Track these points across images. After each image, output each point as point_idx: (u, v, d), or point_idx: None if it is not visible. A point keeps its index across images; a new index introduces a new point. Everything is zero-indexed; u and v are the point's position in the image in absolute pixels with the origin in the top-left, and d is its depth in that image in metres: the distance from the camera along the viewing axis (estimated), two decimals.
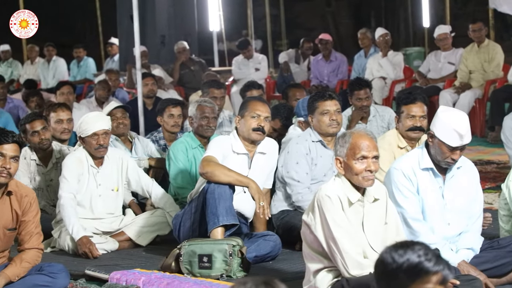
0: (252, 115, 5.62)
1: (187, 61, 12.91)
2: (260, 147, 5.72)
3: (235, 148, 5.65)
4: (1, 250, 4.89)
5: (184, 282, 4.78)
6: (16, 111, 11.32)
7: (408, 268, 2.54)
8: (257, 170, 5.69)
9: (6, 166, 4.70)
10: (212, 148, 5.57)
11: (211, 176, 5.35)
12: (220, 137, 5.86)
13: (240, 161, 5.65)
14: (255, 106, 5.66)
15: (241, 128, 5.66)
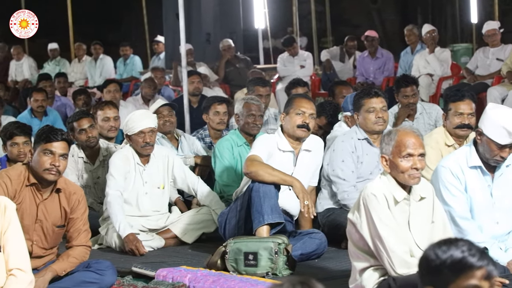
0: (297, 112, 5.60)
1: (232, 59, 12.93)
2: (305, 144, 5.70)
3: (281, 146, 5.64)
4: (50, 247, 4.95)
5: (229, 280, 4.79)
6: (64, 109, 11.47)
7: (451, 264, 2.52)
8: (302, 167, 5.67)
9: (55, 163, 4.76)
10: (257, 147, 5.56)
11: (255, 176, 5.35)
12: (265, 136, 5.85)
13: (285, 158, 5.64)
14: (299, 103, 5.65)
15: (286, 125, 5.65)
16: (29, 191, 4.85)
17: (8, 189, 4.78)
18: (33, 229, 4.84)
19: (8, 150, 6.30)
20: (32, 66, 16.37)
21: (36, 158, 4.81)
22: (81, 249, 4.90)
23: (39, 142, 4.83)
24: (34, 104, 9.99)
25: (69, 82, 14.08)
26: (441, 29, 18.15)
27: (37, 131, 4.97)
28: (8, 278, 4.17)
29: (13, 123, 6.70)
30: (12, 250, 4.20)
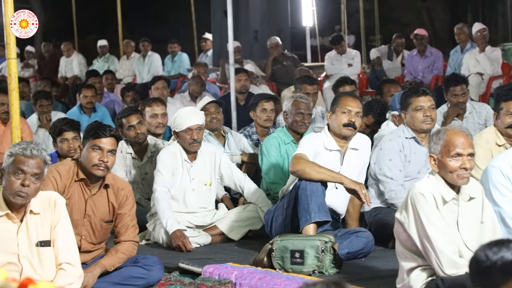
0: (343, 111, 5.58)
1: (279, 57, 12.92)
2: (352, 143, 5.67)
3: (327, 145, 5.62)
4: (98, 241, 5.00)
5: (276, 278, 4.79)
6: (112, 106, 11.57)
7: (502, 265, 2.49)
8: (349, 166, 5.65)
9: (104, 159, 4.80)
10: (303, 145, 5.55)
11: (302, 174, 5.34)
12: (312, 135, 5.83)
13: (332, 157, 5.62)
14: (346, 102, 5.62)
15: (332, 124, 5.63)
16: (78, 186, 4.91)
17: (58, 184, 4.84)
18: (82, 224, 4.90)
19: (58, 146, 6.37)
20: (82, 63, 16.55)
21: (85, 154, 4.87)
22: (129, 244, 4.95)
23: (88, 138, 4.89)
24: (83, 100, 10.09)
25: (117, 79, 14.19)
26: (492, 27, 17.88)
27: (86, 127, 5.02)
28: (58, 272, 4.23)
29: (61, 119, 6.78)
30: (62, 245, 4.25)
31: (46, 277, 4.13)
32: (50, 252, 4.23)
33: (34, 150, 4.12)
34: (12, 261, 4.16)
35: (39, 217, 4.24)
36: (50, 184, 4.77)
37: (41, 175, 4.16)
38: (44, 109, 9.47)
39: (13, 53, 5.11)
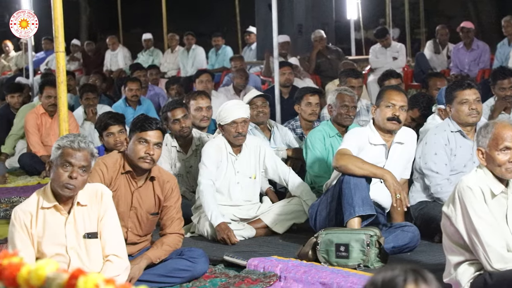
0: (387, 105, 5.54)
1: (323, 50, 12.87)
2: (398, 136, 5.63)
3: (372, 140, 5.58)
4: (144, 234, 5.04)
5: (321, 271, 4.78)
6: (157, 99, 11.64)
7: None
8: (394, 160, 5.61)
9: (150, 152, 4.84)
10: (347, 140, 5.52)
11: (345, 170, 5.31)
12: (357, 129, 5.80)
13: (377, 152, 5.59)
14: (390, 95, 5.58)
15: (377, 118, 5.60)
16: (124, 178, 4.95)
17: (105, 176, 4.88)
18: (128, 216, 4.94)
19: (104, 140, 6.43)
20: (127, 56, 16.68)
21: (131, 147, 4.90)
22: (175, 236, 4.97)
23: (134, 130, 4.92)
24: (129, 94, 10.17)
25: (161, 72, 14.28)
26: None
27: (132, 120, 5.06)
28: (105, 264, 4.27)
29: (106, 113, 6.83)
30: (109, 237, 4.29)
31: (93, 268, 4.17)
32: (97, 244, 4.27)
33: (81, 143, 4.16)
34: (60, 252, 4.21)
35: (86, 209, 4.28)
36: (97, 176, 4.82)
37: (88, 167, 4.20)
38: (90, 102, 9.57)
39: (61, 46, 5.16)
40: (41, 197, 4.22)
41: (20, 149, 9.60)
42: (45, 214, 4.20)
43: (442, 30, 13.17)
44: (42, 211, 4.20)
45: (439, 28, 13.23)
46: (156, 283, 4.78)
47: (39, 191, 4.26)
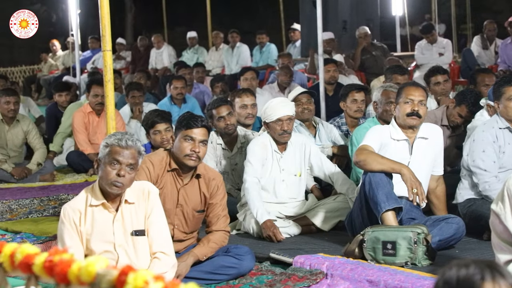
0: (406, 101, 5.52)
1: (368, 46, 12.82)
2: (421, 132, 5.60)
3: (394, 135, 5.56)
4: (190, 231, 5.06)
5: (368, 269, 4.75)
6: (202, 97, 11.69)
7: None
8: (419, 155, 5.57)
9: (196, 149, 4.86)
10: (369, 137, 5.50)
11: (364, 165, 5.28)
12: (378, 126, 5.78)
13: (400, 147, 5.56)
14: (408, 91, 5.57)
15: (397, 115, 5.59)
16: (170, 176, 4.98)
17: (151, 174, 4.91)
18: (174, 213, 4.97)
19: (151, 138, 6.48)
20: (172, 54, 16.78)
21: (177, 144, 4.93)
22: (221, 234, 4.99)
23: (180, 128, 4.94)
24: (174, 92, 10.23)
25: (206, 70, 14.35)
26: None
27: (178, 118, 5.08)
28: (152, 261, 4.30)
29: (153, 111, 6.87)
30: (156, 234, 4.32)
31: (141, 266, 4.20)
32: (144, 241, 4.30)
33: (129, 141, 4.20)
34: (109, 249, 4.25)
35: (134, 207, 4.31)
36: (144, 174, 4.85)
37: (136, 165, 4.23)
38: (136, 100, 9.65)
39: (108, 45, 5.19)
40: (89, 194, 4.27)
41: (67, 147, 9.71)
42: (94, 212, 4.24)
43: (490, 25, 13.01)
44: (91, 209, 4.24)
45: (487, 23, 13.07)
46: (202, 280, 4.80)
47: (87, 189, 4.31)
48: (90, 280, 1.79)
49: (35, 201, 7.49)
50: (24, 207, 7.26)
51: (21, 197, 7.70)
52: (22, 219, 6.86)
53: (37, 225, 6.54)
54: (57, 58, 18.77)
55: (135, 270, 1.79)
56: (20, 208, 7.23)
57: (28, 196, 7.72)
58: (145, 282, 1.75)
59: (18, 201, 7.47)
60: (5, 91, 9.04)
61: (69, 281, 1.83)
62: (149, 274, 1.78)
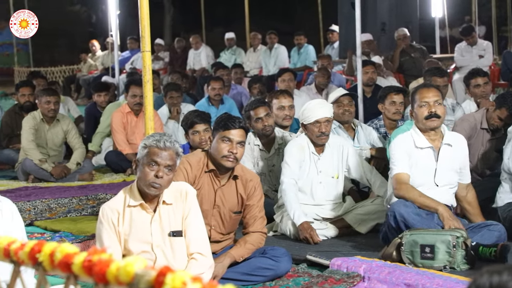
0: (421, 104, 5.44)
1: (407, 48, 12.74)
2: (447, 138, 5.51)
3: (418, 143, 5.50)
4: (227, 232, 5.07)
5: (405, 272, 4.71)
6: (239, 98, 11.70)
7: None
8: (445, 162, 5.48)
9: (233, 151, 4.86)
10: (398, 159, 5.43)
11: (404, 199, 5.33)
12: (400, 138, 5.61)
13: (425, 155, 5.48)
14: (421, 94, 5.50)
15: (416, 121, 5.51)
16: (207, 177, 4.98)
17: (189, 174, 4.92)
18: (211, 214, 4.97)
19: (190, 138, 6.50)
20: (209, 55, 16.83)
21: (215, 145, 4.93)
22: (257, 235, 4.98)
23: (217, 129, 4.95)
24: (212, 92, 10.25)
25: (244, 71, 14.38)
26: None
27: (216, 119, 5.08)
28: (190, 262, 4.30)
29: (192, 112, 6.89)
30: (193, 235, 4.32)
31: (178, 266, 4.21)
32: (182, 242, 4.31)
33: (167, 142, 4.21)
34: (146, 250, 4.26)
35: (171, 208, 4.32)
36: (182, 175, 4.86)
37: (174, 166, 4.24)
38: (174, 101, 9.68)
39: (147, 46, 5.21)
40: (127, 195, 4.28)
41: (106, 147, 9.78)
42: (132, 212, 4.26)
43: None
44: (129, 209, 4.26)
45: None
46: (239, 281, 4.80)
47: (125, 189, 4.33)
48: (128, 280, 1.79)
49: (73, 200, 7.55)
50: (63, 206, 7.33)
51: (60, 196, 7.77)
52: (61, 218, 6.92)
53: (75, 224, 6.59)
54: (96, 58, 18.93)
55: (173, 271, 1.79)
56: (59, 207, 7.30)
57: (67, 195, 7.79)
58: (183, 283, 1.75)
59: (57, 200, 7.54)
60: (45, 90, 9.13)
61: (108, 281, 1.83)
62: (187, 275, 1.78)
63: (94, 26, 27.18)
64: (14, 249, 2.06)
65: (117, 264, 1.83)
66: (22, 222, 4.11)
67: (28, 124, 8.80)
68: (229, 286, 1.81)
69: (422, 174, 5.46)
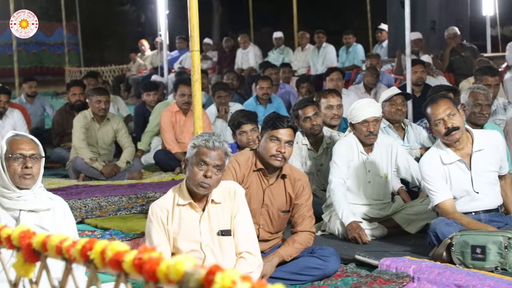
0: (435, 123, 5.24)
1: (457, 47, 12.61)
2: (476, 145, 5.33)
3: (445, 160, 5.33)
4: (275, 231, 5.07)
5: (456, 273, 4.66)
6: (287, 97, 11.70)
7: None
8: (478, 168, 5.32)
9: (281, 150, 4.86)
10: (431, 183, 5.30)
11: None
12: (426, 159, 5.42)
13: (456, 169, 5.33)
14: (432, 111, 5.26)
15: (437, 136, 5.36)
16: (256, 176, 4.99)
17: (237, 173, 4.93)
18: (260, 213, 4.98)
19: (237, 138, 6.51)
20: (257, 55, 16.85)
21: (263, 144, 4.93)
22: (306, 234, 4.98)
23: (266, 128, 4.95)
24: (260, 92, 10.27)
25: (292, 70, 14.37)
26: None
27: (265, 118, 5.09)
28: (238, 261, 4.31)
29: (239, 112, 6.91)
30: (242, 234, 4.33)
31: (227, 265, 4.22)
32: (230, 241, 4.32)
33: (216, 142, 4.22)
34: (195, 249, 4.28)
35: (220, 207, 4.33)
36: (230, 174, 4.88)
37: (223, 166, 4.25)
38: (222, 100, 9.72)
39: (196, 46, 5.24)
40: (176, 194, 4.31)
41: (155, 146, 9.86)
42: (181, 211, 4.29)
43: None
44: (178, 208, 4.29)
45: None
46: (287, 280, 4.80)
47: (174, 188, 4.35)
48: (178, 278, 1.80)
49: (123, 198, 7.63)
50: (113, 204, 7.40)
51: (110, 194, 7.86)
52: (111, 216, 6.99)
53: (125, 222, 6.66)
54: (145, 58, 19.08)
55: (222, 269, 1.79)
56: (109, 205, 7.37)
57: (116, 194, 7.87)
58: (232, 282, 1.75)
59: (107, 198, 7.62)
60: (96, 90, 9.23)
61: (158, 279, 1.84)
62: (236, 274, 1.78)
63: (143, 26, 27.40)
64: (66, 246, 2.08)
65: (167, 262, 1.84)
66: (73, 220, 4.16)
67: (79, 123, 8.91)
68: (278, 285, 1.81)
69: (458, 187, 5.32)
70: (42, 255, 2.17)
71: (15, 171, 3.94)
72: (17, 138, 4.02)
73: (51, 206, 4.02)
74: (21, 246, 2.22)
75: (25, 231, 2.23)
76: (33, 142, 4.03)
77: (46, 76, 24.10)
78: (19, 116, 9.81)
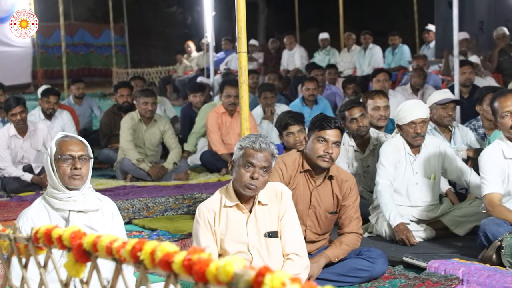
0: (503, 115, 5.23)
1: (506, 48, 12.45)
2: None
3: (508, 154, 5.31)
4: (323, 232, 5.06)
5: (506, 276, 4.59)
6: (334, 98, 11.67)
7: None
8: None
9: (329, 151, 4.84)
10: (486, 174, 5.27)
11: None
12: (487, 152, 5.41)
13: None
14: (500, 104, 5.27)
15: (501, 130, 5.33)
16: (303, 177, 4.98)
17: (284, 175, 4.93)
18: (307, 214, 4.97)
19: (284, 139, 6.51)
20: (303, 56, 16.84)
21: (310, 145, 4.92)
22: (353, 236, 4.96)
23: (313, 129, 4.94)
24: (306, 93, 10.25)
25: (338, 71, 14.34)
26: None
27: (312, 119, 5.08)
28: (285, 262, 4.31)
29: (286, 113, 6.90)
30: (289, 236, 4.33)
31: (274, 267, 4.22)
32: (277, 242, 4.32)
33: (262, 144, 4.22)
34: (242, 250, 4.28)
35: (267, 208, 4.34)
36: (277, 175, 4.88)
37: (269, 168, 4.25)
38: (268, 101, 9.72)
39: (243, 47, 5.24)
40: (223, 195, 4.32)
41: (201, 147, 9.90)
42: (228, 213, 4.30)
43: None
44: (225, 209, 4.30)
45: None
46: (334, 282, 4.78)
47: (221, 190, 4.37)
48: (227, 280, 1.80)
49: (170, 199, 7.67)
50: (160, 205, 7.45)
51: (157, 195, 7.90)
52: (158, 216, 7.04)
53: (172, 223, 6.69)
54: (191, 59, 19.17)
55: (272, 271, 1.79)
56: (156, 206, 7.42)
57: (163, 194, 7.92)
58: (282, 284, 1.75)
59: (154, 199, 7.67)
60: (143, 91, 9.30)
61: (207, 280, 1.85)
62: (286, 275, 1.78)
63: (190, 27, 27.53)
64: (116, 247, 2.10)
65: (216, 263, 1.84)
66: (122, 221, 4.20)
67: (126, 124, 8.98)
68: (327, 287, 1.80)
69: None
70: (93, 255, 2.19)
71: (64, 172, 3.98)
72: (66, 139, 4.06)
73: (100, 207, 4.06)
74: (72, 247, 2.24)
75: (76, 232, 2.26)
76: (82, 143, 4.08)
77: (94, 78, 24.36)
78: (68, 117, 9.94)
